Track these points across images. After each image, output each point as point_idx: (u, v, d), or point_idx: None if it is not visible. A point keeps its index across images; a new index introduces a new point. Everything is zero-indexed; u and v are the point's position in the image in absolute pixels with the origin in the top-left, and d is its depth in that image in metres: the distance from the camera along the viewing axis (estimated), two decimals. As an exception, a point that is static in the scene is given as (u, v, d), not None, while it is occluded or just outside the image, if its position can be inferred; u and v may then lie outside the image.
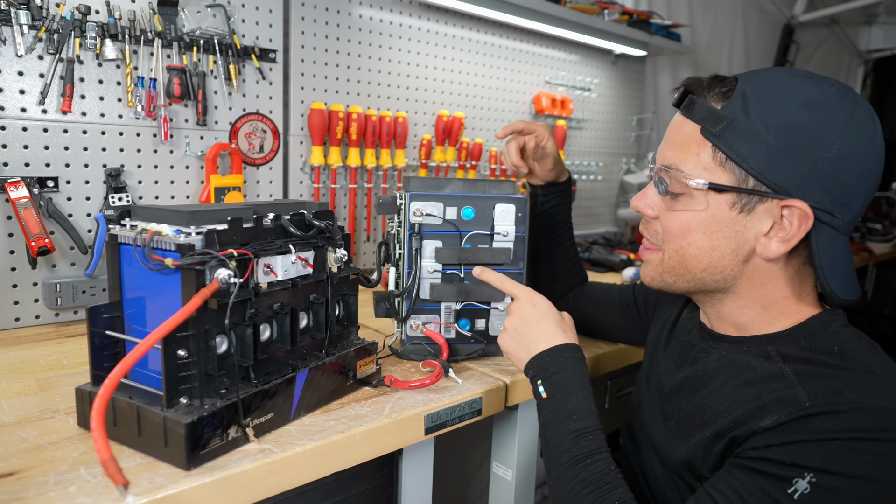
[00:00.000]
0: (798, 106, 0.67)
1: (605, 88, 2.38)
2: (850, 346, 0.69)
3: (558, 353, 0.83)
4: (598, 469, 0.72)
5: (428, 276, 1.00)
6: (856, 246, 2.81)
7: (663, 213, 0.77)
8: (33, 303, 1.18)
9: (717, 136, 0.70)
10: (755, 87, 0.70)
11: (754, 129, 0.68)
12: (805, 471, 0.60)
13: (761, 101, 0.68)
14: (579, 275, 1.25)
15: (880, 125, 0.70)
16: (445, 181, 1.02)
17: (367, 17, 1.63)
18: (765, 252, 0.71)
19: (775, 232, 0.70)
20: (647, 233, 0.81)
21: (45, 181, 1.16)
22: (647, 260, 0.82)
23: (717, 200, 0.71)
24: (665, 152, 0.76)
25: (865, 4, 3.57)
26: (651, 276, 0.82)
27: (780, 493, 0.61)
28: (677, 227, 0.75)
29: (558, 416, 0.78)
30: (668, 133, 0.78)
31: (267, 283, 0.78)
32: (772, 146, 0.67)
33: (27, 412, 0.80)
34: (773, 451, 0.63)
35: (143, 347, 0.62)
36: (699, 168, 0.71)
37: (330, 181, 1.60)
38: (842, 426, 0.61)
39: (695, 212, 0.73)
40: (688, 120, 0.73)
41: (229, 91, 1.38)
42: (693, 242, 0.74)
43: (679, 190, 0.74)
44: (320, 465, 0.77)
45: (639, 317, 1.13)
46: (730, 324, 0.79)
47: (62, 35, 1.14)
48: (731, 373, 0.75)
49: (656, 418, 0.85)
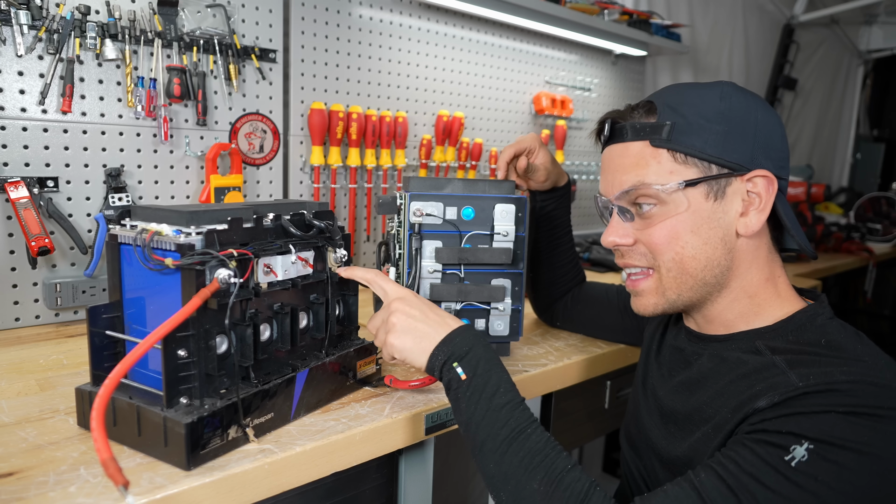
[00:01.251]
0: (716, 99, 0.75)
1: (605, 88, 2.38)
2: (838, 338, 0.71)
3: (463, 333, 0.79)
4: (540, 438, 0.71)
5: (428, 276, 1.00)
6: (856, 246, 2.81)
7: (642, 234, 0.78)
8: (33, 303, 1.18)
9: (669, 141, 0.75)
10: (671, 98, 0.77)
11: (698, 124, 0.74)
12: (802, 439, 0.60)
13: (686, 105, 0.75)
14: (578, 276, 1.25)
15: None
16: (445, 181, 1.02)
17: (367, 17, 1.63)
18: (748, 229, 0.75)
19: (748, 207, 0.75)
20: (632, 260, 0.81)
21: (45, 181, 1.16)
22: (643, 289, 0.81)
23: (693, 196, 0.75)
24: (619, 179, 0.78)
25: (865, 4, 3.56)
26: (654, 301, 0.80)
27: (778, 460, 0.60)
28: (665, 236, 0.76)
29: (485, 392, 0.74)
30: (608, 165, 0.81)
31: (267, 283, 0.78)
32: (718, 132, 0.74)
33: (27, 412, 0.80)
34: (769, 424, 0.64)
35: (143, 347, 0.62)
36: (665, 174, 0.75)
37: (330, 181, 1.60)
38: (838, 401, 0.61)
39: (677, 215, 0.75)
40: (629, 143, 0.78)
41: (229, 91, 1.38)
42: (686, 244, 0.75)
43: (652, 202, 0.76)
44: (320, 465, 0.77)
45: (634, 318, 1.13)
46: (719, 323, 0.80)
47: (62, 35, 1.14)
48: (723, 370, 0.76)
49: (655, 423, 0.85)
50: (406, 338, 0.80)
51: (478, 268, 1.02)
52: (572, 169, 2.31)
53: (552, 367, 1.08)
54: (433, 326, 0.80)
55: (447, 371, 0.77)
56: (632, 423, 0.94)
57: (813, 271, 2.30)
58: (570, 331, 1.27)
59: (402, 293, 0.85)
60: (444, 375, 0.78)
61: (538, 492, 0.66)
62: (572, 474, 0.67)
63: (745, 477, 0.61)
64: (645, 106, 0.79)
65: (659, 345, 0.93)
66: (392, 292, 0.85)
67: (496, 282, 1.04)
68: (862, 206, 3.38)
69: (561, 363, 1.10)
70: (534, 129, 2.15)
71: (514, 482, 0.68)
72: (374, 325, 0.86)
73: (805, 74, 3.72)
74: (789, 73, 3.55)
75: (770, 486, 0.60)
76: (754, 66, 3.38)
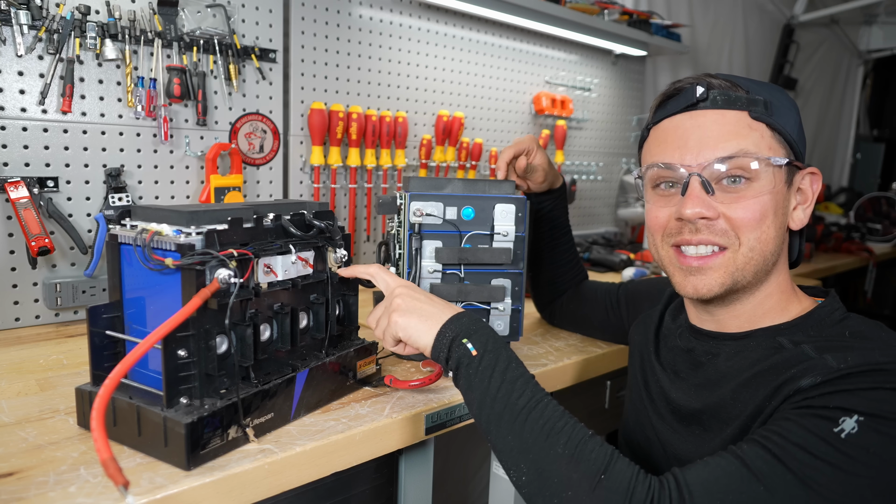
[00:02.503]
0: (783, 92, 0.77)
1: (605, 88, 2.38)
2: (861, 328, 0.70)
3: (469, 315, 0.78)
4: (556, 408, 0.69)
5: (428, 276, 1.00)
6: (856, 246, 2.81)
7: (726, 208, 0.73)
8: (33, 303, 1.18)
9: (770, 116, 0.73)
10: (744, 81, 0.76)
11: (786, 107, 0.74)
12: (852, 413, 0.59)
13: (765, 90, 0.74)
14: (579, 274, 1.25)
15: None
16: (445, 181, 1.02)
17: (367, 17, 1.63)
18: (797, 223, 0.76)
19: (798, 202, 0.76)
20: (709, 236, 0.73)
21: (45, 181, 1.16)
22: (711, 266, 0.74)
23: (781, 178, 0.73)
24: (714, 146, 0.72)
25: (865, 4, 3.57)
26: (721, 281, 0.74)
27: (827, 431, 0.58)
28: (756, 213, 0.72)
29: (498, 366, 0.72)
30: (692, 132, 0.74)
31: (267, 283, 0.78)
32: (796, 122, 0.75)
33: (27, 412, 0.80)
34: (814, 401, 0.61)
35: (144, 347, 0.62)
36: (765, 148, 0.72)
37: (330, 181, 1.60)
38: (885, 379, 0.60)
39: (766, 194, 0.72)
40: (724, 111, 0.73)
41: (229, 91, 1.38)
42: (770, 225, 0.73)
43: (749, 176, 0.72)
44: (320, 465, 0.77)
45: (619, 317, 1.13)
46: (745, 319, 0.78)
47: (62, 35, 1.14)
48: (744, 364, 0.73)
49: (671, 427, 0.82)
50: (411, 317, 0.79)
51: (478, 268, 1.02)
52: (572, 169, 2.31)
53: (552, 367, 1.08)
54: (438, 308, 0.80)
55: (456, 347, 0.74)
56: (636, 431, 0.90)
57: (813, 271, 2.30)
58: (566, 329, 1.28)
59: (404, 282, 0.85)
60: (454, 353, 0.75)
61: (562, 456, 0.63)
62: (594, 440, 0.65)
63: (792, 447, 0.59)
64: (728, 79, 0.75)
65: (656, 346, 0.91)
66: (393, 282, 0.85)
67: (496, 282, 1.04)
68: (862, 206, 3.38)
69: (561, 363, 1.10)
70: (534, 129, 2.15)
71: (536, 450, 0.65)
72: (375, 316, 0.85)
73: (805, 74, 3.72)
74: (789, 73, 3.55)
75: (820, 455, 0.58)
76: (754, 66, 3.37)
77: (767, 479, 0.58)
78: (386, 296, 0.84)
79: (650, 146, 0.81)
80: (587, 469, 0.62)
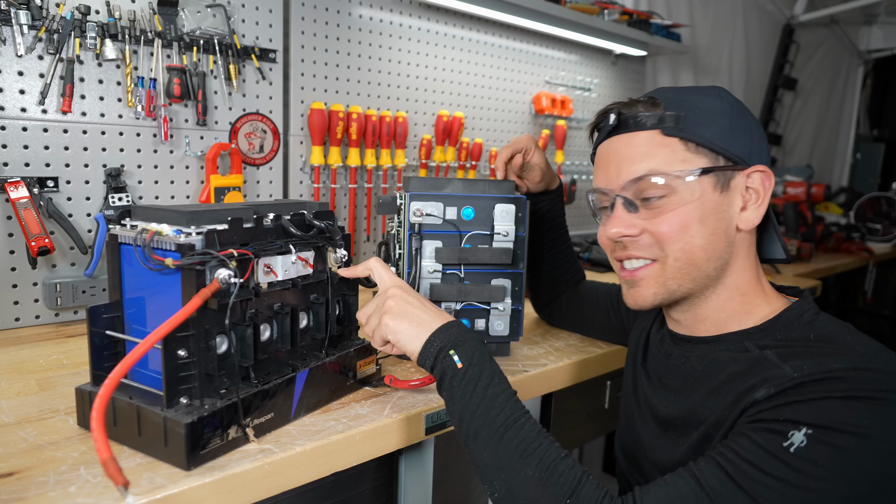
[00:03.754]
0: (715, 97, 0.77)
1: (605, 88, 2.38)
2: (827, 331, 0.71)
3: (458, 325, 0.80)
4: (533, 427, 0.71)
5: (428, 276, 1.00)
6: (856, 246, 2.81)
7: (648, 224, 0.77)
8: (33, 303, 1.18)
9: (682, 130, 0.75)
10: (672, 95, 0.78)
11: (706, 116, 0.75)
12: (800, 425, 0.60)
13: (689, 101, 0.76)
14: (576, 275, 1.25)
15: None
16: (445, 181, 1.02)
17: (367, 17, 1.63)
18: (748, 223, 0.77)
19: (747, 202, 0.77)
20: (636, 251, 0.78)
21: (45, 181, 1.16)
22: (643, 277, 0.79)
23: (705, 185, 0.75)
24: (627, 168, 0.77)
25: (865, 4, 3.57)
26: (654, 292, 0.78)
27: (776, 446, 0.60)
28: (676, 225, 0.75)
29: (480, 382, 0.74)
30: (611, 157, 0.79)
31: (267, 283, 0.78)
32: (724, 125, 0.76)
33: (27, 412, 0.80)
34: (766, 413, 0.63)
35: (144, 347, 0.62)
36: (677, 162, 0.75)
37: (330, 181, 1.60)
38: (835, 387, 0.61)
39: (688, 204, 0.75)
40: (636, 133, 0.77)
41: (229, 91, 1.38)
42: (696, 234, 0.75)
43: (663, 192, 0.75)
44: (320, 465, 0.77)
45: (619, 319, 1.13)
46: (711, 323, 0.80)
47: (62, 35, 1.14)
48: (715, 371, 0.75)
49: (653, 433, 0.84)
50: (402, 321, 0.80)
51: (478, 268, 1.02)
52: (572, 169, 2.31)
53: (552, 367, 1.08)
54: (430, 315, 0.81)
55: (443, 358, 0.77)
56: (626, 435, 0.92)
57: (813, 271, 2.30)
58: (566, 329, 1.27)
59: (400, 282, 0.85)
60: (439, 363, 0.77)
61: (532, 478, 0.67)
62: (565, 462, 0.67)
63: (743, 464, 0.61)
64: (647, 100, 0.79)
65: (644, 352, 0.92)
66: (389, 280, 0.86)
67: (496, 282, 1.04)
68: (862, 206, 3.37)
69: (561, 363, 1.10)
70: (534, 129, 2.15)
71: (509, 470, 0.68)
72: (366, 312, 0.85)
73: (805, 74, 3.72)
74: (789, 73, 3.55)
75: (770, 472, 0.59)
76: (754, 66, 3.37)
77: (720, 498, 0.61)
78: (379, 292, 0.85)
79: (593, 173, 0.87)
80: (555, 492, 0.66)
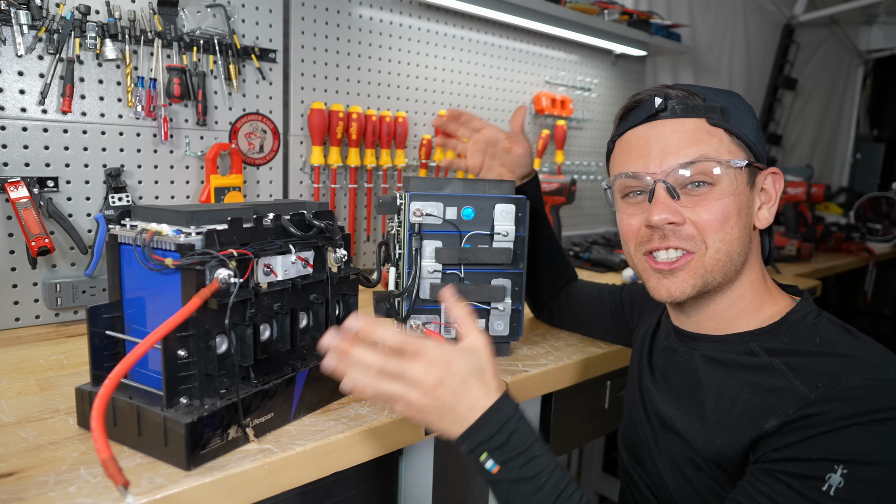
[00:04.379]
0: (738, 97, 0.79)
1: (605, 88, 2.38)
2: (830, 335, 0.72)
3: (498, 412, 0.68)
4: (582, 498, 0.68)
5: (428, 276, 1.00)
6: (856, 246, 2.81)
7: (693, 210, 0.75)
8: (33, 303, 1.18)
9: (728, 121, 0.75)
10: (698, 90, 0.78)
11: (742, 112, 0.77)
12: (835, 464, 0.60)
13: (721, 98, 0.77)
14: (566, 273, 1.25)
15: None
16: (445, 181, 1.02)
17: (367, 17, 1.63)
18: (764, 222, 0.78)
19: (762, 202, 0.79)
20: (677, 242, 0.75)
21: (45, 181, 1.16)
22: (681, 267, 0.76)
23: (742, 179, 0.76)
24: (675, 153, 0.74)
25: (865, 4, 3.56)
26: (691, 283, 0.75)
27: (816, 492, 0.60)
28: (719, 216, 0.74)
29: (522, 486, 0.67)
30: (654, 141, 0.76)
31: (267, 283, 0.78)
32: (753, 125, 0.78)
33: (27, 412, 0.80)
34: (796, 450, 0.63)
35: (143, 347, 0.62)
36: (725, 153, 0.75)
37: (330, 181, 1.60)
38: (856, 410, 0.61)
39: (729, 196, 0.75)
40: (683, 119, 0.76)
41: (229, 91, 1.38)
42: (734, 226, 0.75)
43: (710, 180, 0.74)
44: (320, 465, 0.77)
45: (623, 320, 1.13)
46: (720, 321, 0.80)
47: (62, 35, 1.14)
48: (720, 371, 0.76)
49: (657, 430, 0.84)
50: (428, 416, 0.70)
51: (478, 268, 1.02)
52: (572, 169, 2.31)
53: (552, 367, 1.08)
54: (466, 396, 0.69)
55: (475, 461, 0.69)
56: (630, 430, 0.92)
57: (813, 271, 2.30)
58: (567, 329, 1.27)
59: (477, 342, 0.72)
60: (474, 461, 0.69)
61: None
62: None
63: None
64: (684, 89, 0.78)
65: (650, 349, 0.92)
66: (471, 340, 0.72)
67: (496, 282, 1.04)
68: (862, 206, 3.37)
69: (561, 363, 1.10)
70: (534, 129, 2.15)
71: None
72: (406, 341, 0.70)
73: (805, 74, 3.72)
74: (789, 73, 3.55)
75: None
76: (754, 66, 3.37)
77: None
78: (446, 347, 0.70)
79: (616, 157, 0.83)
80: None
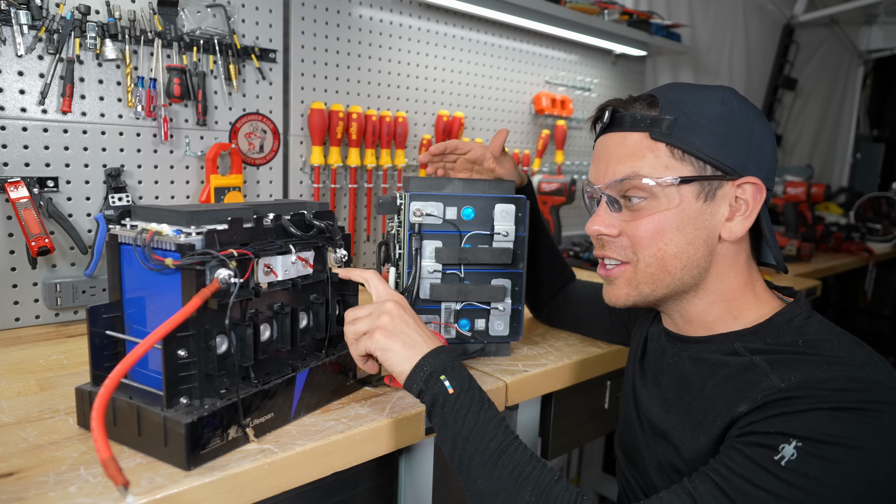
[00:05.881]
0: (717, 101, 0.75)
1: (605, 88, 2.38)
2: (815, 337, 0.72)
3: (448, 351, 0.79)
4: (525, 452, 0.71)
5: (428, 276, 1.00)
6: (856, 246, 2.81)
7: (627, 225, 0.77)
8: (33, 303, 1.18)
9: (669, 136, 0.74)
10: (674, 95, 0.76)
11: (699, 123, 0.74)
12: (790, 437, 0.61)
13: (688, 103, 0.75)
14: (564, 274, 1.25)
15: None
16: (445, 181, 1.02)
17: (367, 17, 1.63)
18: (732, 234, 0.76)
19: (735, 212, 0.76)
20: (612, 252, 0.79)
21: (45, 181, 1.16)
22: (617, 276, 0.80)
23: (685, 194, 0.74)
24: (613, 168, 0.77)
25: (865, 4, 3.57)
26: (625, 292, 0.80)
27: (767, 460, 0.61)
28: (651, 231, 0.75)
29: (472, 407, 0.74)
30: (602, 153, 0.80)
31: (267, 283, 0.78)
32: (718, 133, 0.74)
33: (27, 412, 0.80)
34: (757, 426, 0.64)
35: (144, 347, 0.62)
36: (661, 168, 0.75)
37: (330, 181, 1.60)
38: (824, 398, 0.62)
39: (666, 211, 0.75)
40: (627, 133, 0.77)
41: (229, 91, 1.38)
42: (670, 241, 0.75)
43: (643, 195, 0.75)
44: (320, 465, 0.77)
45: (621, 320, 1.14)
46: (699, 324, 0.80)
47: (62, 35, 1.14)
48: (706, 372, 0.76)
49: (646, 431, 0.85)
50: (395, 340, 0.78)
51: (478, 268, 1.02)
52: (572, 169, 2.31)
53: (552, 367, 1.08)
54: (423, 338, 0.79)
55: (433, 383, 0.75)
56: (625, 432, 0.93)
57: (813, 271, 2.30)
58: (567, 329, 1.27)
59: (398, 297, 0.84)
60: (430, 388, 0.75)
61: (529, 502, 0.67)
62: (560, 485, 0.68)
63: (736, 479, 0.62)
64: (647, 99, 0.78)
65: (643, 350, 0.93)
66: (386, 294, 0.84)
67: (496, 282, 1.04)
68: (862, 206, 3.37)
69: (561, 363, 1.10)
70: (534, 129, 2.15)
71: (505, 496, 0.69)
72: (356, 315, 0.82)
73: (805, 74, 3.72)
74: (789, 73, 3.55)
75: (762, 486, 0.60)
76: (754, 66, 3.37)
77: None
78: (374, 305, 0.82)
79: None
80: None
